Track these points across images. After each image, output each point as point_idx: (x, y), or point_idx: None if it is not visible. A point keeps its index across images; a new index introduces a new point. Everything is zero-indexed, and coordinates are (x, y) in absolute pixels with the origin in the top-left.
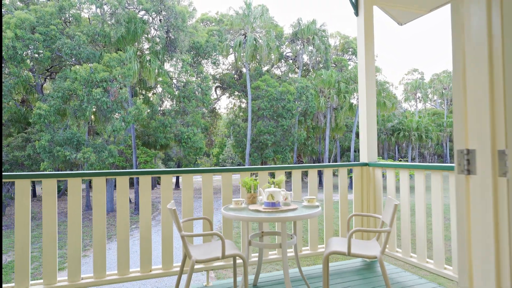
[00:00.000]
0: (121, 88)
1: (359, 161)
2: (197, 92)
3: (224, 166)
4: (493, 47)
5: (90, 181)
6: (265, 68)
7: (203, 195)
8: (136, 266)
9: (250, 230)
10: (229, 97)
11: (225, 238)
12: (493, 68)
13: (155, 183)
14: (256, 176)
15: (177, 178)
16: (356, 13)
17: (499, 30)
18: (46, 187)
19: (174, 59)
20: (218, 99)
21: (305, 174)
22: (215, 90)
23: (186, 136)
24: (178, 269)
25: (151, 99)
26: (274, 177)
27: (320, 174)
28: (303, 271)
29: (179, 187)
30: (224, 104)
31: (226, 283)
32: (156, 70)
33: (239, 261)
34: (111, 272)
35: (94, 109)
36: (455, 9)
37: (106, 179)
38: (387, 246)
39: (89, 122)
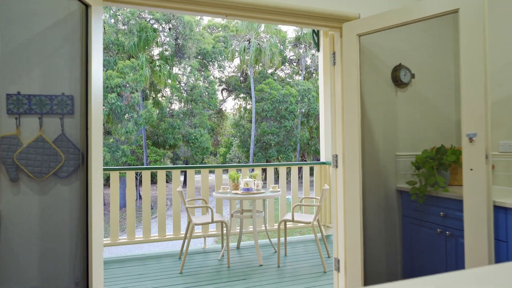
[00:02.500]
0: (133, 93)
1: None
2: (203, 95)
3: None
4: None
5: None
6: (270, 71)
7: (202, 184)
8: (156, 232)
9: (234, 208)
10: (234, 99)
11: (216, 212)
12: (335, 105)
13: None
14: (240, 171)
15: (185, 177)
16: (318, 49)
17: (340, 87)
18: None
19: (182, 64)
20: (224, 100)
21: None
22: (221, 92)
23: (193, 137)
24: (183, 234)
25: (161, 101)
26: (253, 172)
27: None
28: (271, 239)
29: (185, 184)
30: (231, 105)
31: (218, 247)
32: (166, 75)
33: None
34: (139, 236)
35: (108, 112)
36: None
37: (136, 172)
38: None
39: (103, 124)
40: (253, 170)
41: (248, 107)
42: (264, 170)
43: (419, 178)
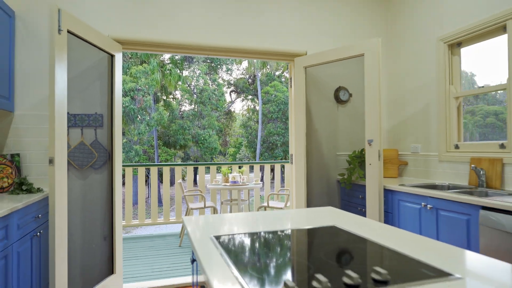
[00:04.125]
0: (145, 96)
1: None
2: (212, 98)
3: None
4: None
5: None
6: (277, 73)
7: (199, 179)
8: (162, 217)
9: (225, 198)
10: (242, 101)
11: (210, 201)
12: (291, 117)
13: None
14: (231, 168)
15: (195, 175)
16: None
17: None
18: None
19: (192, 68)
20: (232, 102)
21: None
22: (230, 94)
23: (202, 138)
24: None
25: (172, 104)
26: (241, 168)
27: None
28: None
29: (196, 181)
30: (239, 106)
31: None
32: (176, 79)
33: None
34: (147, 220)
35: (122, 115)
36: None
37: (147, 169)
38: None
39: None
40: (241, 167)
41: (256, 108)
42: (251, 167)
43: (348, 171)
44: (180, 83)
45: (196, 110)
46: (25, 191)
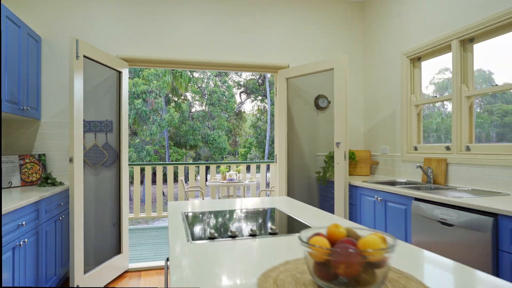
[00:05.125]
0: (156, 98)
1: None
2: (221, 99)
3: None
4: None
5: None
6: None
7: (200, 177)
8: (166, 211)
9: (221, 193)
10: (252, 102)
11: (210, 196)
12: (276, 122)
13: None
14: (229, 167)
15: (206, 173)
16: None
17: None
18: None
19: (202, 70)
20: (242, 103)
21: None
22: (240, 95)
23: (211, 138)
24: None
25: (182, 105)
26: (238, 167)
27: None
28: None
29: (207, 180)
30: (250, 107)
31: None
32: (186, 81)
33: None
34: (154, 213)
35: (134, 116)
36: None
37: (153, 167)
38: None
39: (130, 126)
40: (238, 166)
41: (265, 109)
42: (258, 167)
43: (323, 169)
44: (190, 84)
45: (206, 111)
46: (50, 184)
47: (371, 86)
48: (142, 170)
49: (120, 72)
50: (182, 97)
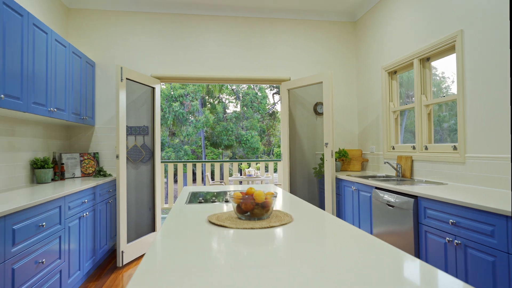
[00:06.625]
0: (193, 101)
1: None
2: (254, 101)
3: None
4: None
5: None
6: None
7: (224, 173)
8: None
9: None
10: None
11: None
12: (282, 126)
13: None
14: (249, 164)
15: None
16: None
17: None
18: (169, 168)
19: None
20: (275, 104)
21: None
22: (273, 96)
23: (244, 138)
24: None
25: (217, 107)
26: (257, 165)
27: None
28: None
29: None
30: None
31: None
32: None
33: None
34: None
35: (173, 118)
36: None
37: (185, 164)
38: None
39: (169, 127)
40: (257, 164)
41: None
42: (266, 165)
43: (319, 165)
44: (224, 87)
45: (239, 112)
46: (102, 175)
47: (362, 94)
48: (175, 166)
49: (153, 88)
50: (217, 100)
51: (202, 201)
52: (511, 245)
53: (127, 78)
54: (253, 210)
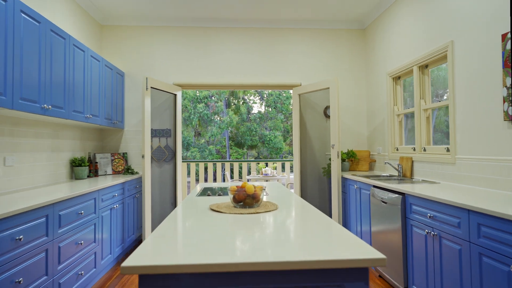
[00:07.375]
0: (217, 102)
1: None
2: (277, 102)
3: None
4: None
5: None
6: None
7: (243, 171)
8: None
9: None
10: None
11: None
12: (293, 129)
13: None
14: (267, 164)
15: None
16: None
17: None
18: (192, 166)
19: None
20: None
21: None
22: None
23: (268, 139)
24: None
25: (241, 108)
26: (273, 165)
27: None
28: None
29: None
30: None
31: None
32: None
33: None
34: None
35: (198, 119)
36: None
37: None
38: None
39: (194, 128)
40: (274, 163)
41: None
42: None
43: (327, 165)
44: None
45: (262, 113)
46: (129, 173)
47: (371, 98)
48: (197, 165)
49: (175, 95)
50: (241, 100)
51: (210, 194)
52: (472, 234)
53: (151, 87)
54: (245, 200)
